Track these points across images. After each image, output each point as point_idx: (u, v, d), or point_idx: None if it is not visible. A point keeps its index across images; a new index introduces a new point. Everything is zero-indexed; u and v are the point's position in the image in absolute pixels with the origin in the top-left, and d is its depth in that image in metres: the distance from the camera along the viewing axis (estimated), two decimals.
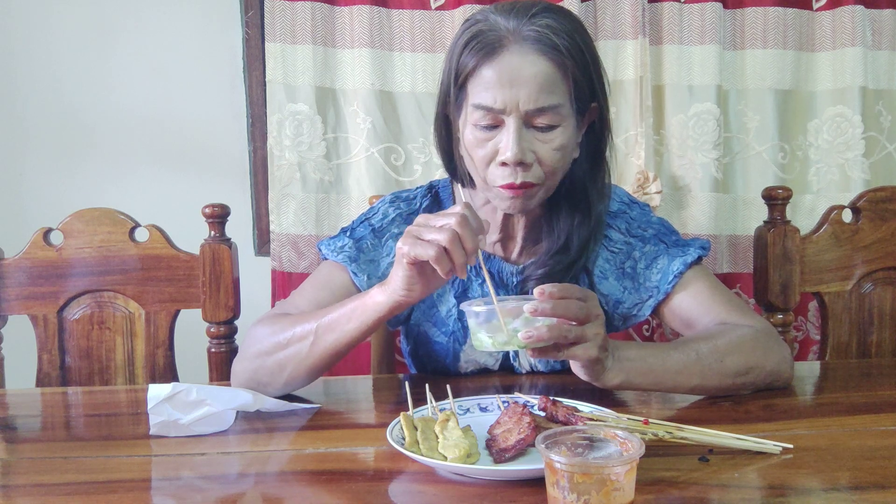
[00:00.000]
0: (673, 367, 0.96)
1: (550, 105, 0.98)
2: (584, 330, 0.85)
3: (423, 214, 0.90)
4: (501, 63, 0.97)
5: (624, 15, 1.76)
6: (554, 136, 0.99)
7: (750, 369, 1.00)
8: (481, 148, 1.01)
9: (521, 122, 0.98)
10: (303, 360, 0.99)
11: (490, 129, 1.00)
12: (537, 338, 0.82)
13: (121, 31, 1.90)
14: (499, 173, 1.01)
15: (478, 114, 0.99)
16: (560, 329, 0.83)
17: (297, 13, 1.77)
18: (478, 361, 1.17)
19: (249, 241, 1.93)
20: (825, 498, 0.72)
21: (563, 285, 0.84)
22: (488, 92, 0.98)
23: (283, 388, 1.03)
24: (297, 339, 0.98)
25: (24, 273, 1.39)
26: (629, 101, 1.77)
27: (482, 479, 0.75)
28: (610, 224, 1.16)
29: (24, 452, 0.90)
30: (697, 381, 0.97)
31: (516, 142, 0.97)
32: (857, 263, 1.43)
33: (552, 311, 0.82)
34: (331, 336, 0.97)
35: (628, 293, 1.15)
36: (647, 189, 1.73)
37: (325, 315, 0.98)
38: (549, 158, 1.00)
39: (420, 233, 0.88)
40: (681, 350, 0.98)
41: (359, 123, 1.79)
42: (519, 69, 0.97)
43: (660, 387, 0.96)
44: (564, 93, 0.99)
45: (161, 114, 1.92)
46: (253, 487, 0.79)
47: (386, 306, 0.94)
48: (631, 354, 0.93)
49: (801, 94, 1.84)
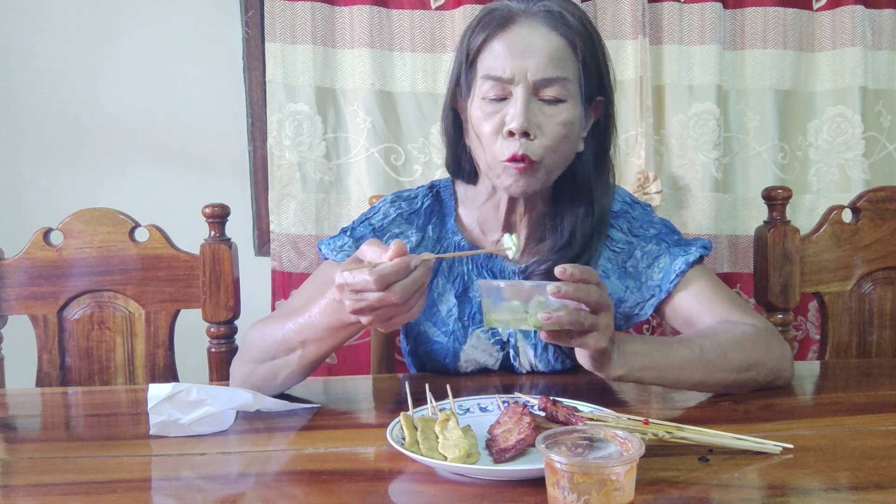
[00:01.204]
0: (677, 363, 0.96)
1: (559, 77, 0.99)
2: (598, 319, 0.85)
3: (344, 272, 0.83)
4: (512, 34, 1.00)
5: (624, 15, 1.76)
6: (560, 110, 1.00)
7: (752, 365, 1.01)
8: (488, 121, 1.01)
9: (529, 93, 0.99)
10: (293, 371, 1.00)
11: (498, 101, 1.01)
12: (556, 320, 0.82)
13: (121, 30, 1.90)
14: (504, 146, 1.01)
15: (486, 85, 1.01)
16: (578, 314, 0.83)
17: (297, 13, 1.77)
18: (477, 361, 1.17)
19: (249, 241, 1.93)
20: (825, 498, 0.72)
21: (584, 268, 0.84)
22: (497, 62, 1.00)
23: (279, 389, 1.04)
24: (284, 352, 0.99)
25: (24, 273, 1.39)
26: (629, 101, 1.77)
27: (482, 479, 0.75)
28: (612, 223, 1.16)
29: (24, 452, 0.90)
30: (700, 377, 0.97)
31: (523, 111, 0.98)
32: (857, 263, 1.43)
33: (574, 294, 0.82)
34: (314, 348, 0.97)
35: (630, 292, 1.15)
36: (648, 189, 1.73)
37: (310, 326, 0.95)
38: (553, 133, 1.00)
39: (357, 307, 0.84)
40: (685, 346, 0.98)
41: (359, 123, 1.79)
42: (529, 39, 0.99)
43: (663, 381, 0.96)
44: (573, 70, 1.01)
45: (161, 114, 1.92)
46: (253, 487, 0.79)
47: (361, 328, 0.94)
48: (636, 348, 0.93)
49: (801, 94, 1.84)
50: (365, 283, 0.81)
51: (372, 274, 0.80)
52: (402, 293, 0.81)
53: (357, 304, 0.83)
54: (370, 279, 0.80)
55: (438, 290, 1.16)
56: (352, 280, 0.82)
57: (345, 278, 0.83)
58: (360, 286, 0.82)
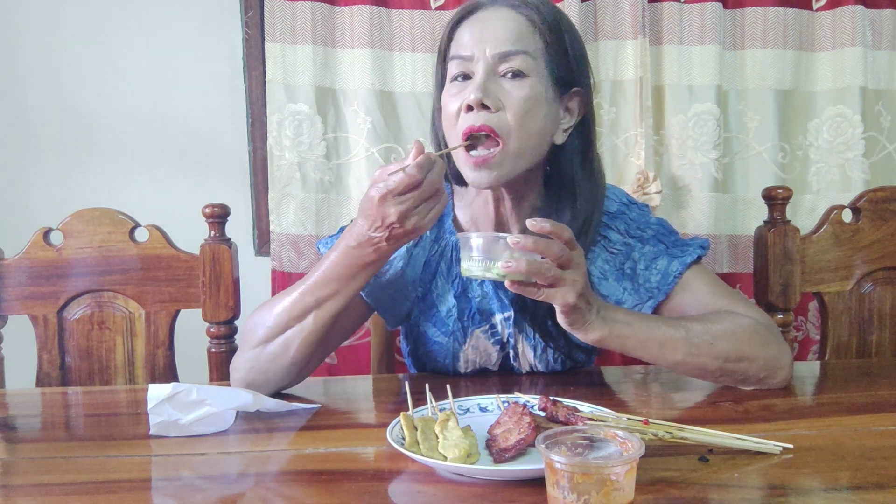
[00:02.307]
0: (658, 337, 0.96)
1: (517, 50, 1.01)
2: (564, 274, 0.86)
3: (378, 183, 0.87)
4: (475, 18, 1.05)
5: (624, 15, 1.76)
6: (522, 84, 1.01)
7: (742, 358, 1.00)
8: (453, 102, 1.03)
9: (488, 68, 1.01)
10: (307, 336, 1.00)
11: (463, 79, 1.03)
12: (515, 269, 0.84)
13: (121, 31, 1.90)
14: (463, 121, 1.01)
15: (452, 66, 1.04)
16: (540, 265, 0.85)
17: (297, 13, 1.77)
18: (477, 361, 1.17)
19: (249, 241, 1.93)
20: (825, 498, 0.72)
21: (556, 223, 0.86)
22: (460, 43, 1.04)
23: (289, 369, 1.02)
24: (297, 318, 0.99)
25: (24, 273, 1.39)
26: (629, 102, 1.77)
27: (482, 479, 0.75)
28: (609, 225, 1.16)
29: (24, 452, 0.90)
30: (681, 357, 0.97)
31: (480, 83, 1.00)
32: (857, 263, 1.43)
33: (533, 246, 0.84)
34: (330, 305, 0.98)
35: (628, 294, 1.15)
36: (647, 189, 1.74)
37: (323, 282, 0.98)
38: (516, 106, 1.00)
39: (390, 216, 0.87)
40: (670, 324, 0.99)
41: (359, 123, 1.79)
42: (489, 19, 1.03)
43: (642, 353, 0.97)
44: (535, 46, 1.03)
45: (161, 114, 1.92)
46: (253, 487, 0.79)
47: (378, 264, 0.96)
48: (617, 316, 0.95)
49: (801, 94, 1.84)
50: (410, 177, 0.84)
51: (410, 169, 0.84)
52: (432, 185, 0.86)
53: (401, 206, 0.86)
54: (413, 173, 0.84)
55: (438, 291, 1.15)
56: (393, 183, 0.85)
57: (386, 184, 0.86)
58: (402, 185, 0.85)
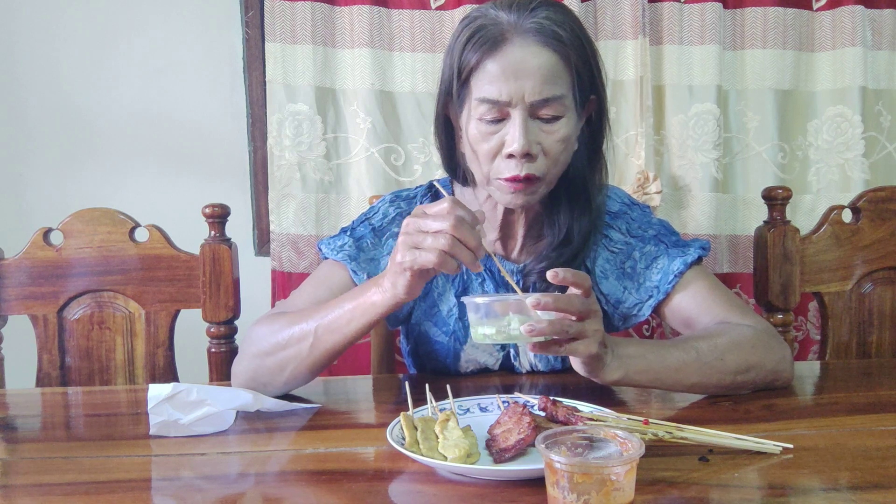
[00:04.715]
0: (672, 365, 0.96)
1: (555, 96, 0.99)
2: (584, 326, 0.85)
3: (412, 218, 0.89)
4: (505, 56, 0.99)
5: (624, 15, 1.76)
6: (558, 127, 1.01)
7: (750, 367, 1.00)
8: (486, 142, 1.01)
9: (526, 114, 0.99)
10: (303, 360, 0.99)
11: (495, 122, 1.01)
12: (538, 331, 0.82)
13: (121, 31, 1.90)
14: (504, 166, 1.01)
15: (483, 108, 1.00)
16: (561, 324, 0.83)
17: (297, 13, 1.77)
18: (478, 361, 1.17)
19: (249, 241, 1.93)
20: (825, 498, 0.72)
21: (577, 272, 0.84)
22: (493, 85, 0.99)
23: (284, 387, 1.03)
24: (297, 340, 0.99)
25: (24, 273, 1.39)
26: (629, 101, 1.77)
27: (482, 479, 0.75)
28: (610, 224, 1.16)
29: (24, 452, 0.90)
30: (697, 379, 0.97)
31: (523, 134, 0.98)
32: (857, 263, 1.43)
33: (555, 305, 0.82)
34: (330, 337, 0.97)
35: (628, 293, 1.15)
36: (647, 189, 1.73)
37: (324, 315, 0.98)
38: (554, 150, 1.01)
39: (417, 242, 0.87)
40: (680, 348, 0.98)
41: (359, 123, 1.79)
42: (523, 61, 0.98)
43: (659, 384, 0.96)
44: (567, 84, 1.01)
45: (161, 114, 1.92)
46: (253, 487, 0.79)
47: (385, 307, 0.94)
48: (630, 351, 0.93)
49: (801, 94, 1.84)
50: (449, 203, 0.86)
51: (447, 199, 0.87)
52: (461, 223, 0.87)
53: (437, 241, 0.85)
54: (447, 203, 0.86)
55: (439, 290, 1.16)
56: (432, 210, 0.87)
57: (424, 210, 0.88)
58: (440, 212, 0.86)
